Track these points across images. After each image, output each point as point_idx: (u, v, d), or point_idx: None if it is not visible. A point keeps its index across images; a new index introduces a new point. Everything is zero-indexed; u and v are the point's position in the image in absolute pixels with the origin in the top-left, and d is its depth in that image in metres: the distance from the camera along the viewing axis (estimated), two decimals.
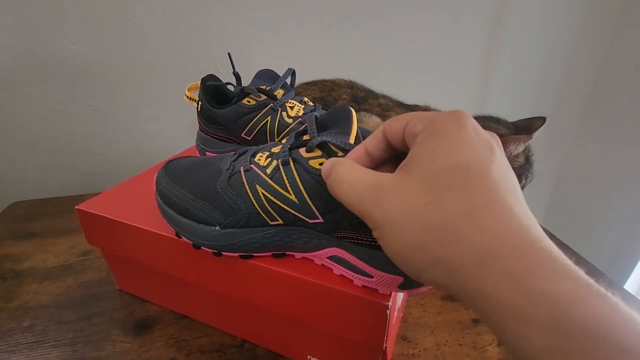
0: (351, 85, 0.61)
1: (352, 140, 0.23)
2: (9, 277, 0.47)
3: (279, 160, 0.25)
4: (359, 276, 0.27)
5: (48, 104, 0.64)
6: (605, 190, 1.01)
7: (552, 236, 0.60)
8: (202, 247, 0.31)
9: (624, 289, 0.48)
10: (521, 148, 0.46)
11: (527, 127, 0.51)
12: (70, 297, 0.44)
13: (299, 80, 0.57)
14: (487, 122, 0.51)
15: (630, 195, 0.94)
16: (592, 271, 0.51)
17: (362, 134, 0.26)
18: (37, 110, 0.64)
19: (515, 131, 0.51)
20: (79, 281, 0.47)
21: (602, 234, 1.02)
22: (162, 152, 0.72)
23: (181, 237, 0.33)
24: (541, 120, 0.51)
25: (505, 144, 0.45)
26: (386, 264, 0.24)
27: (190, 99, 0.46)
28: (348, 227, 0.24)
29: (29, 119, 0.65)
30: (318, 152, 0.23)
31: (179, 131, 0.73)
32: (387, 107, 0.57)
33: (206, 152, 0.46)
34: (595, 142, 1.03)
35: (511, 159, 0.47)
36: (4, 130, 0.64)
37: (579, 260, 0.54)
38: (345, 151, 0.22)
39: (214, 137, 0.45)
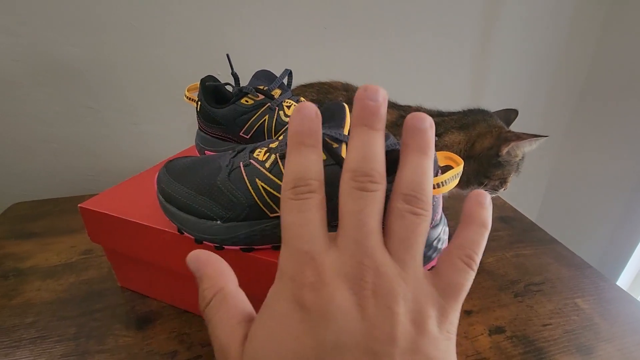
0: (346, 88, 0.62)
1: (345, 132, 0.24)
2: (11, 276, 0.48)
3: (277, 155, 0.27)
4: None
5: (48, 105, 0.65)
6: (597, 187, 1.03)
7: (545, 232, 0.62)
8: (204, 242, 0.32)
9: (616, 285, 0.49)
10: (534, 146, 0.46)
11: (505, 118, 0.54)
12: (72, 294, 0.45)
13: (296, 82, 0.59)
14: (480, 115, 0.53)
15: (622, 192, 0.96)
16: (581, 265, 0.52)
17: None
18: (37, 112, 0.65)
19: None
20: (81, 279, 0.48)
21: (595, 231, 1.04)
22: (162, 153, 0.73)
23: (183, 233, 0.34)
24: (515, 112, 0.53)
25: (520, 141, 0.44)
26: None
27: (189, 99, 0.48)
28: None
29: (29, 120, 0.65)
30: None
31: (178, 132, 0.74)
32: None
33: (205, 151, 0.47)
34: (587, 140, 1.05)
35: (512, 155, 0.47)
36: (5, 132, 0.65)
37: (571, 255, 0.55)
38: (339, 142, 0.24)
39: (213, 136, 0.46)
